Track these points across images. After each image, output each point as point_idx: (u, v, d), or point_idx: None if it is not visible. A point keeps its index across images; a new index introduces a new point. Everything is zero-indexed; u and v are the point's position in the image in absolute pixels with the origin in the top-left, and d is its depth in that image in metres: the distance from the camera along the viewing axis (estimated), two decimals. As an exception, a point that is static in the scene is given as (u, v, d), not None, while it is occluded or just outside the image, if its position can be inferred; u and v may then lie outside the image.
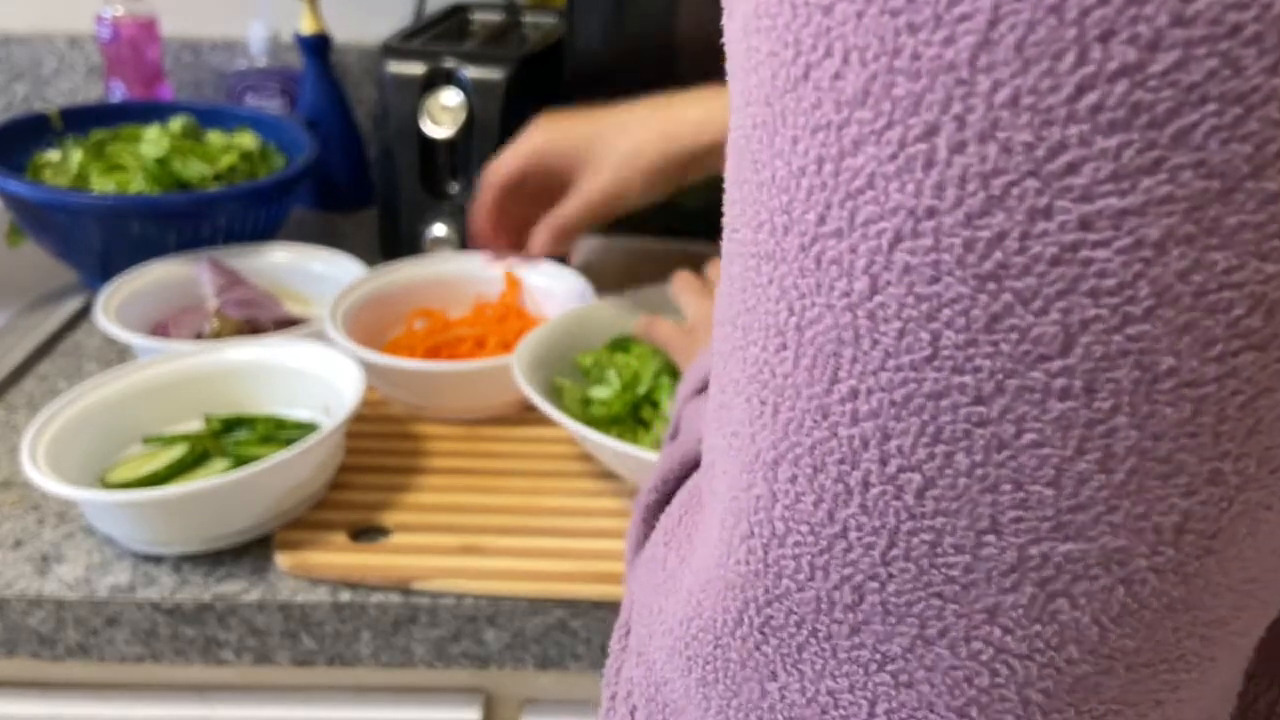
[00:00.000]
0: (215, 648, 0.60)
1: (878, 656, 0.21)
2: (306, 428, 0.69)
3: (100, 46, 1.08)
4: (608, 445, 0.61)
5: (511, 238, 0.77)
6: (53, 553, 0.62)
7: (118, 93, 1.09)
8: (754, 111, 0.21)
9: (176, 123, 0.97)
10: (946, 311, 0.18)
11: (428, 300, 0.84)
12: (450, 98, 0.86)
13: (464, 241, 0.89)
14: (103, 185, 0.89)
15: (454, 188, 0.89)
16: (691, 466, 0.38)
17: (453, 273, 0.85)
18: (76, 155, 0.92)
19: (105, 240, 0.85)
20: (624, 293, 0.78)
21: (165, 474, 0.64)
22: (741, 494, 0.23)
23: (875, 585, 0.21)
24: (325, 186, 1.12)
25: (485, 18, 1.06)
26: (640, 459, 0.60)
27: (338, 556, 0.61)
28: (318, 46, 1.06)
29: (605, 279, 0.83)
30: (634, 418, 0.68)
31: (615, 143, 0.67)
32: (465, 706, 0.64)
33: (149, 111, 1.01)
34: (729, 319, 0.23)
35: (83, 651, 0.60)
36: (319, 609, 0.59)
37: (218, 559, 0.61)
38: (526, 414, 0.74)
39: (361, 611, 0.59)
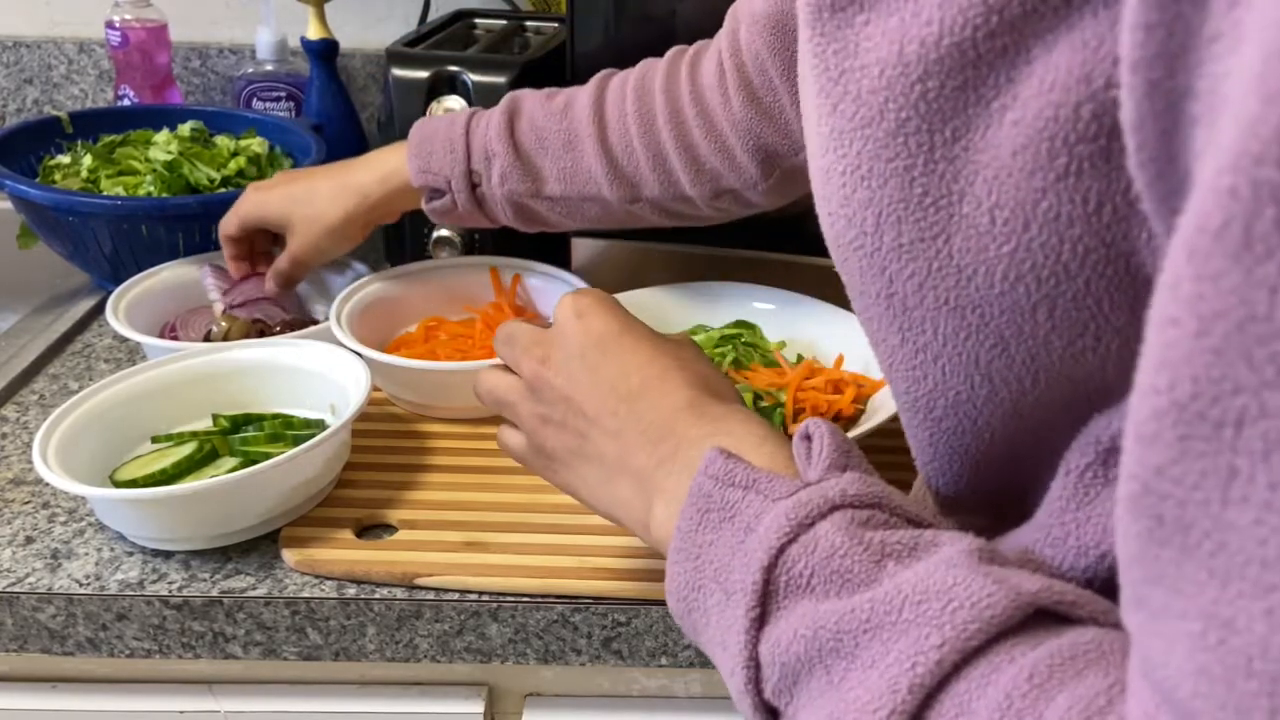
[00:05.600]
0: (223, 642, 0.61)
1: None
2: (313, 426, 0.70)
3: (110, 52, 1.10)
4: (608, 443, 0.61)
5: (258, 268, 0.86)
6: (63, 549, 0.63)
7: (127, 98, 1.10)
8: None
9: (185, 127, 0.99)
10: None
11: (431, 301, 0.85)
12: (454, 102, 0.87)
13: (468, 245, 0.90)
14: (112, 188, 0.91)
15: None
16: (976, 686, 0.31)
17: (456, 274, 0.86)
18: (87, 159, 0.93)
19: (115, 242, 0.86)
20: (624, 293, 0.79)
21: (174, 472, 0.65)
22: None
23: None
24: (331, 190, 1.13)
25: (488, 24, 1.07)
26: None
27: (343, 553, 0.62)
28: (324, 52, 1.07)
29: (605, 279, 0.84)
30: (634, 417, 0.69)
31: (303, 212, 0.79)
32: (468, 700, 0.65)
33: (158, 116, 1.02)
34: None
35: (93, 646, 0.61)
36: (325, 604, 0.60)
37: (226, 555, 0.62)
38: (529, 413, 0.75)
39: (367, 607, 0.60)
